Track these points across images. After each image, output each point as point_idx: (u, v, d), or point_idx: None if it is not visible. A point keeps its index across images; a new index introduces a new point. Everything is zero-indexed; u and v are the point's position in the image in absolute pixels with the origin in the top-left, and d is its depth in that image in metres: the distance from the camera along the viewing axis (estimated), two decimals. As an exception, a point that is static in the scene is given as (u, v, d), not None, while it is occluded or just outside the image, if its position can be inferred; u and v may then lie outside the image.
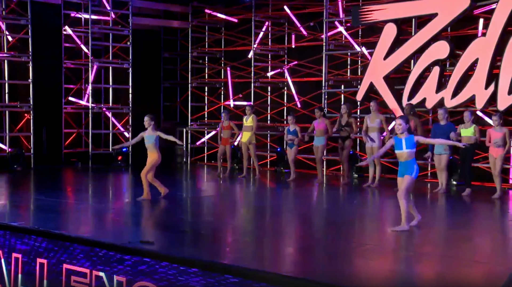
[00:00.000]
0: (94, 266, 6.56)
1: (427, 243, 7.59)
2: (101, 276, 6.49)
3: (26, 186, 12.82)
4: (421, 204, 10.91)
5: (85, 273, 6.63)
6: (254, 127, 13.54)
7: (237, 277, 5.62)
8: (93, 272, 6.56)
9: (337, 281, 5.48)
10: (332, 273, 5.89)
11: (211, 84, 17.78)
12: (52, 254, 6.95)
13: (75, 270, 6.72)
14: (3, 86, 15.14)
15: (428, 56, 12.80)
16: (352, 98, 14.53)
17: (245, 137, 13.58)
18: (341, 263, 6.42)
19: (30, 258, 7.13)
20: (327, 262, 6.43)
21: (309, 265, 6.34)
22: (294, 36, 15.98)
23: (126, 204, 10.47)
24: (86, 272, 6.62)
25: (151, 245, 6.54)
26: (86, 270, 6.63)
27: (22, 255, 7.22)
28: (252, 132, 13.52)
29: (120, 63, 16.50)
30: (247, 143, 13.55)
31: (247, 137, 13.53)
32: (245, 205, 10.82)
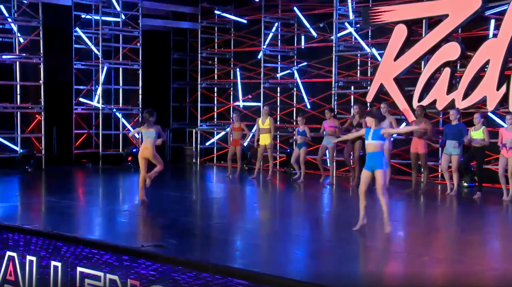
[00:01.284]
0: (108, 269, 6.60)
1: (439, 247, 7.58)
2: (115, 279, 6.52)
3: (38, 188, 12.90)
4: (432, 207, 10.95)
5: (99, 276, 6.67)
6: (272, 129, 13.52)
7: (250, 282, 5.63)
8: (107, 275, 6.59)
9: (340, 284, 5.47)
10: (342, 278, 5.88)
11: (221, 85, 17.81)
12: (66, 257, 6.98)
13: (89, 273, 6.75)
14: (15, 88, 15.23)
15: (439, 57, 12.76)
16: (362, 99, 14.51)
17: (264, 139, 13.47)
18: (352, 267, 6.42)
19: (44, 261, 7.17)
20: (337, 266, 6.42)
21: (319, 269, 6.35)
22: (303, 37, 15.99)
23: (136, 206, 10.52)
24: (100, 275, 6.66)
25: (164, 249, 6.57)
26: (100, 273, 6.66)
27: (36, 257, 7.26)
28: (272, 134, 13.50)
29: (130, 64, 16.55)
30: (269, 147, 13.45)
31: (266, 140, 13.44)
32: (255, 207, 10.82)
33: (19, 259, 7.42)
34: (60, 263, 7.02)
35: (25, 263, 7.36)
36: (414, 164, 11.85)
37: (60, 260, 7.02)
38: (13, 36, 15.15)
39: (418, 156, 11.70)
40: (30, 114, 15.49)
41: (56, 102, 15.80)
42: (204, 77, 17.71)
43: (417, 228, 8.73)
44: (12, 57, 15.06)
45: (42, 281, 7.18)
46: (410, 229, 8.72)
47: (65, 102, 16.08)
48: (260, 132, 13.58)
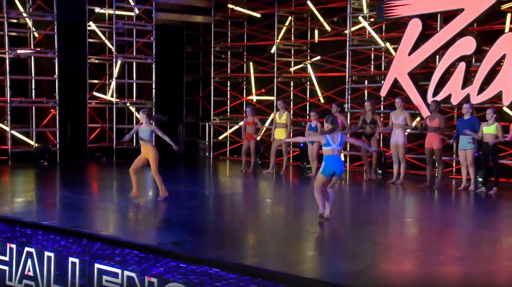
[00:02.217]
0: (125, 266, 6.65)
1: (455, 245, 7.56)
2: (132, 276, 6.57)
3: (53, 182, 12.99)
4: (447, 202, 10.93)
5: (116, 273, 6.72)
6: (289, 124, 13.53)
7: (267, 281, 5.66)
8: (124, 272, 6.64)
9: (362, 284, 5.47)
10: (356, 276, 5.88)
11: (234, 79, 17.81)
12: (84, 253, 7.05)
13: (107, 270, 6.81)
14: (30, 82, 15.34)
15: (454, 52, 12.68)
16: (376, 94, 14.47)
17: (279, 134, 13.50)
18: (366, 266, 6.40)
19: (62, 257, 7.24)
20: (350, 263, 6.42)
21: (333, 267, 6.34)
22: (317, 31, 15.94)
23: (150, 201, 10.57)
24: (118, 272, 6.71)
25: (182, 247, 6.61)
26: (117, 270, 6.72)
27: (54, 253, 7.33)
28: (288, 129, 13.52)
29: (143, 58, 16.59)
30: (280, 140, 13.48)
31: (281, 134, 13.46)
32: (269, 203, 10.82)
33: (38, 255, 7.50)
34: (78, 260, 7.08)
35: (43, 259, 7.43)
36: (429, 159, 11.82)
37: (78, 257, 7.09)
38: (28, 30, 15.24)
39: (433, 151, 11.68)
40: (45, 108, 15.60)
41: (70, 96, 15.88)
42: (217, 71, 17.71)
43: (432, 225, 8.71)
44: (27, 52, 15.15)
45: (60, 277, 7.24)
46: (424, 226, 8.70)
47: (79, 96, 16.16)
48: (276, 126, 13.61)
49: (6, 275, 7.80)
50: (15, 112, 15.04)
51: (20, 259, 7.66)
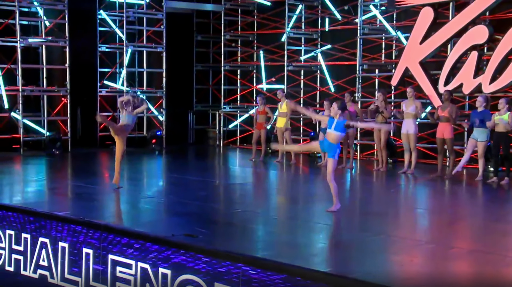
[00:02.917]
0: (139, 258, 6.71)
1: (467, 237, 7.56)
2: (146, 268, 6.64)
3: (65, 171, 13.06)
4: (458, 193, 10.91)
5: (130, 264, 6.79)
6: (289, 113, 13.54)
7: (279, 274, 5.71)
8: (138, 264, 6.71)
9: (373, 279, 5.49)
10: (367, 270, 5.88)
11: (244, 67, 17.78)
12: (98, 244, 7.12)
13: (120, 261, 6.88)
14: (41, 71, 15.39)
15: (465, 40, 12.59)
16: (387, 83, 14.43)
17: (281, 123, 13.59)
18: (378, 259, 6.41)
19: (76, 248, 7.32)
20: (361, 257, 6.42)
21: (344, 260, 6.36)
22: (327, 19, 15.87)
23: (161, 191, 10.62)
24: (131, 264, 6.78)
25: (195, 239, 6.66)
26: (131, 261, 6.78)
27: (68, 244, 7.41)
28: (287, 117, 13.55)
29: (154, 47, 16.59)
30: (283, 129, 13.56)
31: (282, 123, 13.54)
32: (279, 194, 10.83)
33: (52, 245, 7.58)
34: (91, 250, 7.16)
35: (57, 249, 7.51)
36: (440, 149, 11.81)
37: (92, 247, 7.16)
38: (39, 19, 15.26)
39: (444, 141, 11.66)
40: (56, 97, 15.66)
41: (81, 85, 15.93)
42: (227, 59, 17.68)
43: (444, 216, 8.69)
44: (38, 41, 15.19)
45: (74, 268, 7.32)
46: (436, 217, 8.69)
47: (89, 85, 16.21)
48: (278, 115, 13.69)
49: (21, 265, 7.90)
50: (27, 101, 15.12)
51: (34, 249, 7.75)
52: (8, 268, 8.03)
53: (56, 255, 7.50)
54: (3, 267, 8.07)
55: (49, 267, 7.59)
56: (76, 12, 15.50)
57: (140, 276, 6.68)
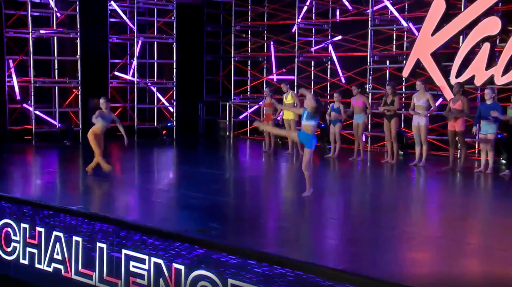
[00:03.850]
0: (153, 253, 6.77)
1: (479, 232, 7.54)
2: (160, 263, 6.69)
3: (77, 163, 13.11)
4: (470, 186, 10.88)
5: (143, 259, 6.85)
6: (298, 103, 13.52)
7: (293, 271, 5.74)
8: (152, 259, 6.77)
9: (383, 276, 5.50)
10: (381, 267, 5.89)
11: (254, 58, 17.76)
12: (112, 239, 7.18)
13: (134, 256, 6.94)
14: (52, 62, 15.45)
15: (478, 32, 12.51)
16: (398, 74, 14.38)
17: (287, 114, 13.59)
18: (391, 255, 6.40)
19: (90, 242, 7.39)
20: (375, 254, 6.42)
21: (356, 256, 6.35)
22: (338, 10, 15.79)
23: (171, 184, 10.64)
24: (145, 258, 6.83)
25: (208, 234, 6.71)
26: (144, 256, 6.84)
27: (82, 238, 7.48)
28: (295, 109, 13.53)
29: (164, 38, 16.59)
30: (290, 121, 13.56)
31: (289, 115, 13.54)
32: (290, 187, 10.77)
33: (66, 239, 7.65)
34: (105, 245, 7.22)
35: (71, 243, 7.58)
36: (452, 141, 11.78)
37: (106, 242, 7.22)
38: (50, 11, 15.30)
39: (456, 133, 11.63)
40: (68, 88, 15.73)
41: (92, 76, 15.98)
42: (237, 50, 17.66)
43: (456, 211, 8.65)
44: (50, 32, 15.23)
45: (88, 262, 7.39)
46: (448, 212, 8.65)
47: (101, 76, 16.26)
48: (286, 107, 13.66)
49: (35, 258, 7.98)
50: (38, 92, 15.20)
51: (48, 243, 7.83)
52: (23, 261, 8.12)
53: (70, 249, 7.57)
54: (18, 260, 8.16)
55: (63, 260, 7.66)
56: (87, 3, 15.54)
57: (153, 271, 6.74)
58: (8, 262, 8.29)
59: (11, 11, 14.87)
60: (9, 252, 8.29)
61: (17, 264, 8.16)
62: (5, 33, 14.72)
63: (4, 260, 8.32)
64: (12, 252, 8.24)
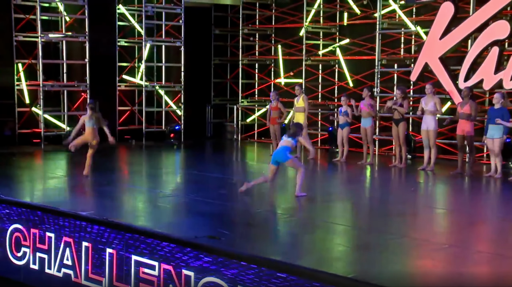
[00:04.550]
0: (162, 259, 6.79)
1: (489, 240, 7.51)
2: (169, 269, 6.71)
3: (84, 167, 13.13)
4: (479, 191, 10.85)
5: (153, 266, 6.87)
6: (306, 107, 13.53)
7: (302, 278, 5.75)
8: (161, 265, 6.79)
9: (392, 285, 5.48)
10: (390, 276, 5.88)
11: (262, 61, 17.77)
12: (121, 244, 7.20)
13: (144, 262, 6.96)
14: (61, 66, 15.51)
15: (486, 36, 12.49)
16: (406, 78, 14.36)
17: (298, 118, 13.60)
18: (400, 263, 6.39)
19: (100, 248, 7.41)
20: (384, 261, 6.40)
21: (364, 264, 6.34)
22: (346, 13, 15.80)
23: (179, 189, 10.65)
24: (155, 265, 6.86)
25: (218, 241, 6.72)
26: (154, 263, 6.86)
27: (92, 244, 7.51)
28: (305, 113, 13.54)
29: (172, 41, 16.63)
30: None
31: (301, 119, 13.54)
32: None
33: (75, 245, 7.68)
34: (115, 251, 7.24)
35: (81, 248, 7.61)
36: (461, 145, 11.76)
37: (115, 248, 7.24)
38: (59, 15, 15.37)
39: (465, 138, 11.60)
40: (76, 92, 15.79)
41: (100, 79, 16.03)
42: (245, 53, 17.69)
43: (466, 217, 8.62)
44: (59, 36, 15.30)
45: (98, 267, 7.42)
46: (458, 218, 8.63)
47: (109, 79, 16.31)
48: (294, 110, 13.68)
49: (45, 263, 8.02)
50: (47, 96, 15.27)
51: (58, 248, 7.86)
52: (33, 266, 8.16)
53: (80, 255, 7.60)
54: (28, 265, 8.20)
55: (73, 266, 7.69)
56: (96, 7, 15.58)
57: (163, 277, 6.76)
58: (19, 267, 8.33)
59: (20, 15, 14.94)
60: (19, 257, 8.34)
61: (27, 269, 8.20)
62: (15, 37, 14.78)
63: (15, 265, 8.37)
64: (22, 257, 8.29)
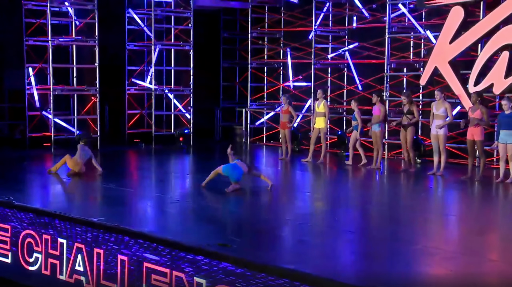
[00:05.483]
0: (174, 266, 6.81)
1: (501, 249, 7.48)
2: (181, 277, 6.74)
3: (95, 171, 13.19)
4: (489, 197, 10.80)
5: (165, 273, 6.90)
6: (327, 113, 13.57)
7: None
8: (173, 272, 6.81)
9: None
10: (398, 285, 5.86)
11: (270, 65, 17.79)
12: (133, 251, 7.24)
13: (156, 269, 6.99)
14: (71, 70, 15.59)
15: (497, 40, 12.46)
16: (415, 82, 14.34)
17: (319, 123, 13.58)
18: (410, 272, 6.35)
19: (112, 254, 7.45)
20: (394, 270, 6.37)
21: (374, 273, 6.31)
22: (355, 17, 15.78)
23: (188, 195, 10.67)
24: (166, 272, 6.88)
25: (229, 249, 6.74)
26: (166, 270, 6.89)
27: (103, 250, 7.55)
28: (326, 118, 13.57)
29: (181, 45, 16.68)
30: (320, 129, 13.56)
31: (320, 123, 13.54)
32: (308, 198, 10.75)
33: (87, 251, 7.72)
34: (127, 258, 7.28)
35: (92, 255, 7.65)
36: (471, 151, 11.72)
37: (127, 255, 7.28)
38: (69, 19, 15.45)
39: (475, 143, 11.57)
40: (86, 95, 15.86)
41: (110, 83, 16.11)
42: (254, 56, 17.70)
43: (477, 224, 8.57)
44: (69, 40, 15.38)
45: (109, 274, 7.46)
46: (469, 225, 8.58)
47: (118, 83, 16.38)
48: (315, 115, 13.67)
49: (57, 269, 8.07)
50: (57, 100, 15.34)
51: (70, 254, 7.91)
52: (45, 272, 8.21)
53: (92, 261, 7.64)
54: (40, 271, 8.25)
55: (85, 272, 7.73)
56: (105, 11, 15.66)
57: (175, 284, 6.78)
58: (30, 273, 8.38)
59: (31, 20, 15.02)
60: (31, 263, 8.39)
61: (39, 275, 8.25)
62: (26, 41, 14.87)
63: (26, 270, 8.42)
64: (34, 263, 8.34)
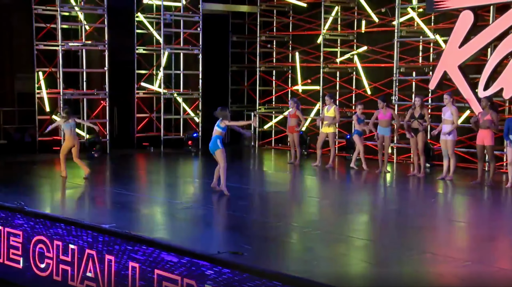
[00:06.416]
0: (185, 273, 6.83)
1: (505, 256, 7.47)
2: (192, 284, 6.76)
3: (104, 176, 13.28)
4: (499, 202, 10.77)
5: (176, 280, 6.92)
6: (338, 118, 13.62)
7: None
8: (184, 280, 6.83)
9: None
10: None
11: (279, 68, 17.81)
12: (144, 258, 7.26)
13: (166, 276, 7.01)
14: (81, 74, 15.67)
15: (507, 44, 12.41)
16: (424, 86, 14.31)
17: (327, 128, 13.61)
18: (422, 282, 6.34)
19: (123, 261, 7.48)
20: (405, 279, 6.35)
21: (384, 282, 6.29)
22: (364, 21, 15.78)
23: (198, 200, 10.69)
24: (177, 279, 6.90)
25: (241, 257, 6.75)
26: (177, 277, 6.91)
27: (114, 257, 7.58)
28: (335, 123, 13.60)
29: (190, 49, 16.72)
30: (329, 134, 13.58)
31: (329, 128, 13.56)
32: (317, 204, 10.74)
33: (98, 257, 7.76)
34: (138, 265, 7.31)
35: (104, 261, 7.69)
36: (480, 156, 11.69)
37: (138, 262, 7.31)
38: (79, 24, 15.53)
39: (485, 148, 11.54)
40: (95, 100, 15.93)
41: (119, 87, 16.16)
42: (262, 60, 17.73)
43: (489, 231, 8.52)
44: (79, 45, 15.45)
45: (121, 281, 7.49)
46: (480, 232, 8.54)
47: (127, 87, 16.43)
48: (325, 119, 13.69)
49: (68, 276, 8.11)
50: (67, 104, 15.38)
51: (81, 260, 7.95)
52: (56, 277, 8.25)
53: (103, 267, 7.68)
54: (51, 277, 8.30)
55: (96, 279, 7.77)
56: (115, 15, 15.72)
57: (186, 292, 6.80)
58: (41, 279, 8.43)
59: (41, 24, 15.11)
60: (42, 269, 8.44)
61: (50, 280, 8.29)
62: (36, 46, 14.95)
63: (38, 276, 8.47)
64: (46, 269, 8.39)
